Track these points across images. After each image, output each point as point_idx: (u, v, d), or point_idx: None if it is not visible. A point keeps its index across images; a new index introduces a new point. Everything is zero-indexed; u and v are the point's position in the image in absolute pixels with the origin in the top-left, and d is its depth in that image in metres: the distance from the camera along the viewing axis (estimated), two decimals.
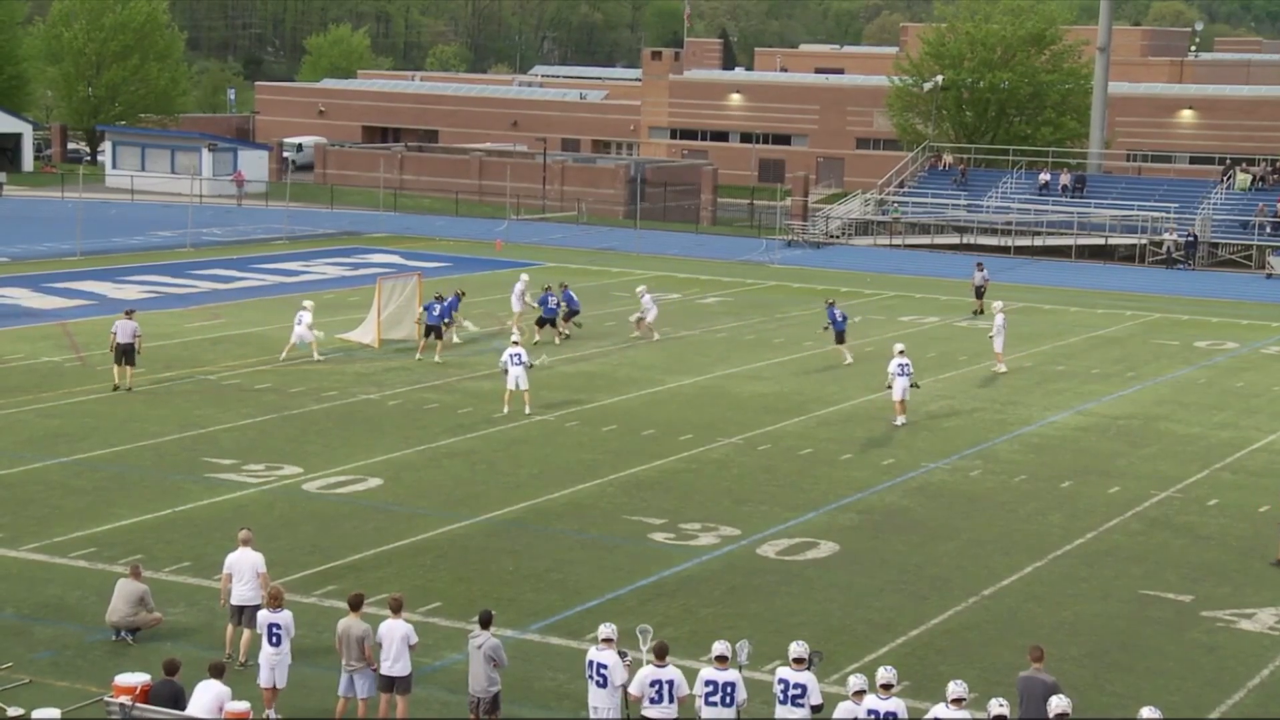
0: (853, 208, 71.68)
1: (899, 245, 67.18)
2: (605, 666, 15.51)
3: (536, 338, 40.03)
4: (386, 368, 36.60)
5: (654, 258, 61.41)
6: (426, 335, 37.52)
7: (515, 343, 32.42)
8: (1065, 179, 69.11)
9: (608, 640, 15.69)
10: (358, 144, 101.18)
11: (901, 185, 72.63)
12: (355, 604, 16.55)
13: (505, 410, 31.61)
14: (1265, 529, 25.07)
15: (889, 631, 19.96)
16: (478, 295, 47.78)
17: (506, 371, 31.73)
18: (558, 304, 40.99)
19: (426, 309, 37.66)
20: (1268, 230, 62.79)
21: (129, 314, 33.38)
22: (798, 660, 15.27)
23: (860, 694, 14.67)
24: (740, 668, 15.43)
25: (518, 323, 40.84)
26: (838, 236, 69.30)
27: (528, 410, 31.67)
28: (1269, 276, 59.70)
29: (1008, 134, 77.77)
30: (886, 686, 14.68)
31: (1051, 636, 19.71)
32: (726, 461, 28.79)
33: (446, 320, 37.87)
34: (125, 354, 32.69)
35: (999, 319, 38.23)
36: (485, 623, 16.28)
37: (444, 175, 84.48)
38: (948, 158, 75.16)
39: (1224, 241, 63.15)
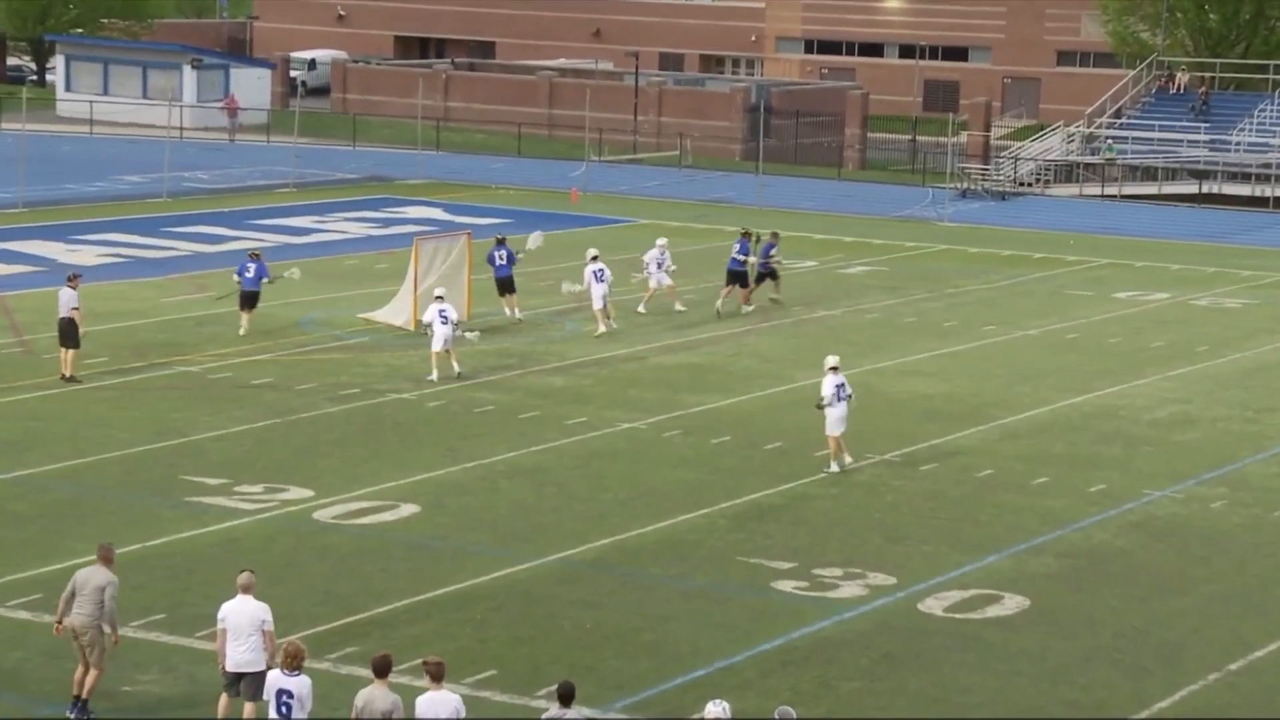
0: (1051, 146, 71.10)
1: (1114, 196, 66.54)
2: None
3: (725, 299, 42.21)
4: (426, 357, 36.87)
5: (781, 212, 61.33)
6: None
7: (439, 297, 34.97)
8: None
9: None
10: (388, 60, 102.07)
11: (1119, 115, 71.91)
12: (382, 669, 16.70)
13: (434, 376, 34.24)
14: None
15: (1097, 716, 19.80)
16: (539, 263, 47.99)
17: (433, 331, 34.39)
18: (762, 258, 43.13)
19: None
20: None
21: (72, 280, 34.00)
22: None
23: None
24: None
25: (670, 294, 42.03)
26: (1030, 184, 68.78)
27: (456, 369, 34.40)
28: None
29: (1266, 44, 76.61)
30: None
31: None
32: (877, 485, 28.69)
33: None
34: (65, 332, 33.33)
35: None
36: (566, 698, 16.32)
37: (502, 102, 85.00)
38: (1183, 77, 74.27)
39: None
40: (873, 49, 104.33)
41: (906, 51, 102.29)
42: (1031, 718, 19.77)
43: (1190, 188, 66.34)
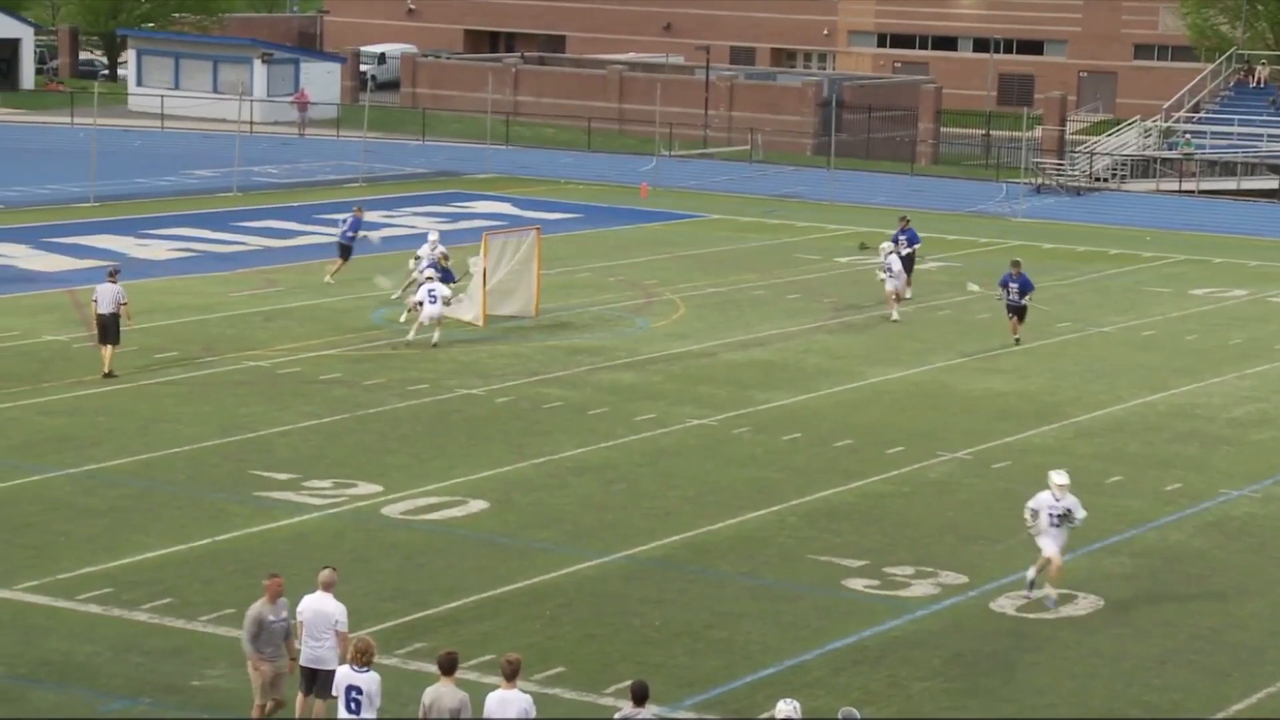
0: (1128, 140, 70.63)
1: (1192, 192, 66.04)
2: None
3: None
4: (494, 353, 37.00)
5: (854, 208, 61.20)
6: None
7: (430, 279, 36.96)
8: None
9: None
10: (458, 54, 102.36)
11: (1197, 109, 71.36)
12: (448, 667, 16.77)
13: (410, 336, 36.64)
14: None
15: (1173, 718, 19.69)
16: (611, 258, 48.08)
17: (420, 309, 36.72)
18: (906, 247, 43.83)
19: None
20: None
21: (113, 275, 34.27)
22: None
23: None
24: None
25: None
26: (1106, 180, 68.38)
27: (435, 340, 36.53)
28: None
29: None
30: None
31: None
32: (950, 484, 28.62)
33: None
34: (106, 329, 33.59)
35: None
36: (640, 697, 16.36)
37: (572, 96, 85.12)
38: (1263, 70, 73.62)
39: None
40: (946, 43, 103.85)
41: (980, 45, 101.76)
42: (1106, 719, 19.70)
43: (1270, 183, 65.81)
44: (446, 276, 38.99)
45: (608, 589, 23.33)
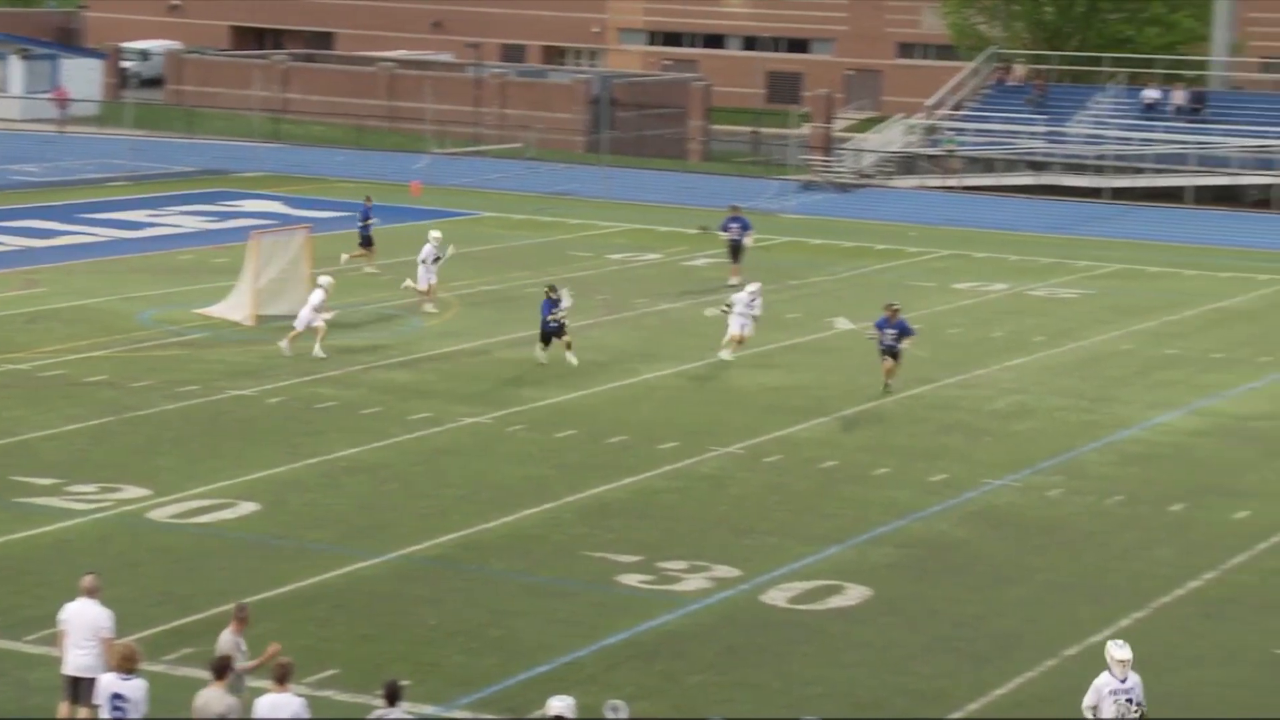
0: (892, 138, 71.83)
1: (955, 188, 67.41)
2: None
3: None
4: (266, 354, 36.59)
5: (625, 205, 61.51)
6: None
7: (321, 287, 36.07)
8: (1179, 97, 69.43)
9: (561, 718, 15.79)
10: (224, 51, 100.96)
11: (958, 107, 72.85)
12: (220, 671, 16.62)
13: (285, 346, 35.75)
14: None
15: (937, 704, 20.10)
16: (384, 256, 47.78)
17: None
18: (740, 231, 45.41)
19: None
20: None
21: None
22: None
23: None
24: None
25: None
26: (872, 176, 69.50)
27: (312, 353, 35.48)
28: None
29: (1101, 37, 78.02)
30: None
31: (1158, 711, 19.86)
32: (722, 478, 28.91)
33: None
34: None
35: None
36: (393, 697, 16.37)
37: (342, 94, 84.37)
38: (1020, 69, 75.39)
39: None
40: (715, 40, 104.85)
41: (749, 43, 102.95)
42: (873, 707, 20.05)
43: (1028, 179, 67.33)
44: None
45: (382, 589, 23.23)
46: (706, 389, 34.94)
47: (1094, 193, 65.78)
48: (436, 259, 40.94)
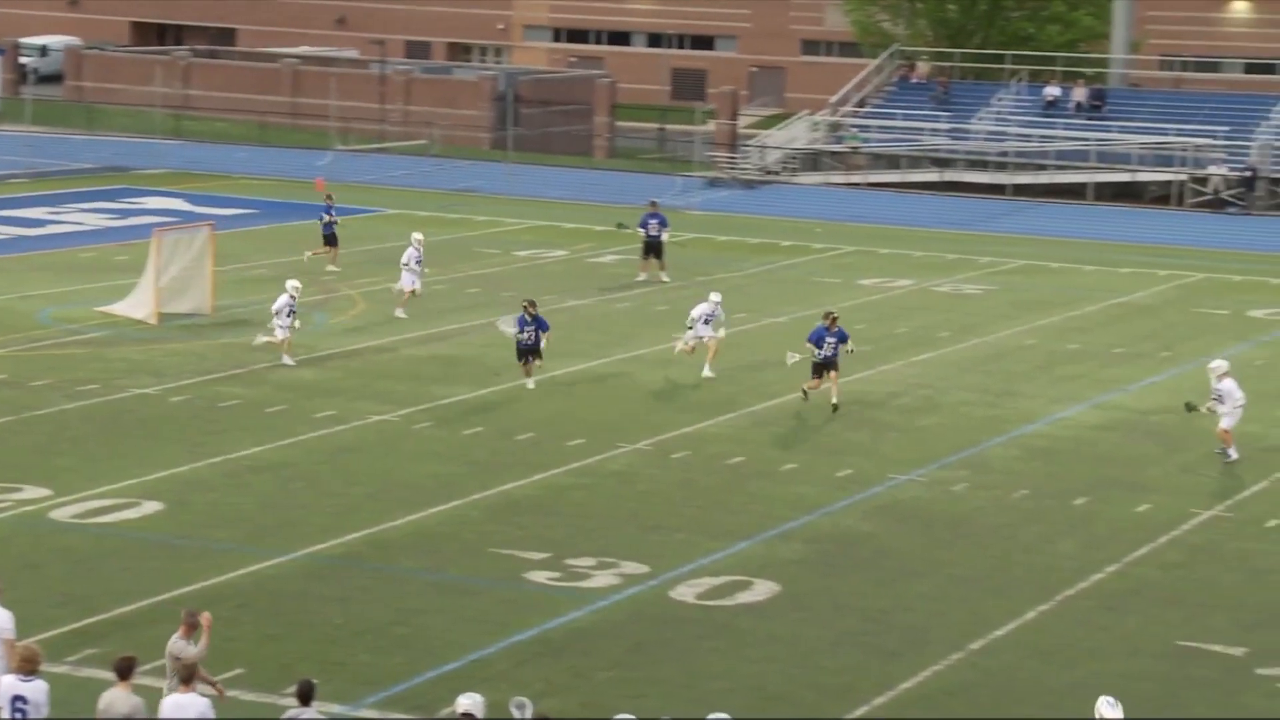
0: (797, 134, 72.11)
1: (859, 184, 67.74)
2: None
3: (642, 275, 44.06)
4: (167, 351, 36.27)
5: (531, 202, 61.41)
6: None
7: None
8: (1080, 94, 70.09)
9: (469, 716, 15.75)
10: (125, 47, 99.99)
11: (862, 104, 73.22)
12: (124, 672, 16.43)
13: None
14: None
15: (845, 699, 20.16)
16: (288, 254, 47.49)
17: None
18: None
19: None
20: None
21: None
22: None
23: None
24: None
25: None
26: (777, 173, 69.74)
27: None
28: None
29: (1003, 34, 78.68)
30: None
31: (1060, 703, 20.05)
32: (630, 474, 28.91)
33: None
34: None
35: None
36: (305, 697, 16.28)
37: (245, 90, 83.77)
38: (923, 67, 75.87)
39: None
40: (620, 38, 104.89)
41: (654, 40, 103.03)
42: (781, 702, 20.10)
43: (932, 176, 67.78)
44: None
45: (287, 588, 23.09)
46: (614, 386, 34.93)
47: (997, 189, 66.28)
48: (419, 261, 40.61)
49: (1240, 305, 45.44)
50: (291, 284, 35.68)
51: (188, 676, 16.37)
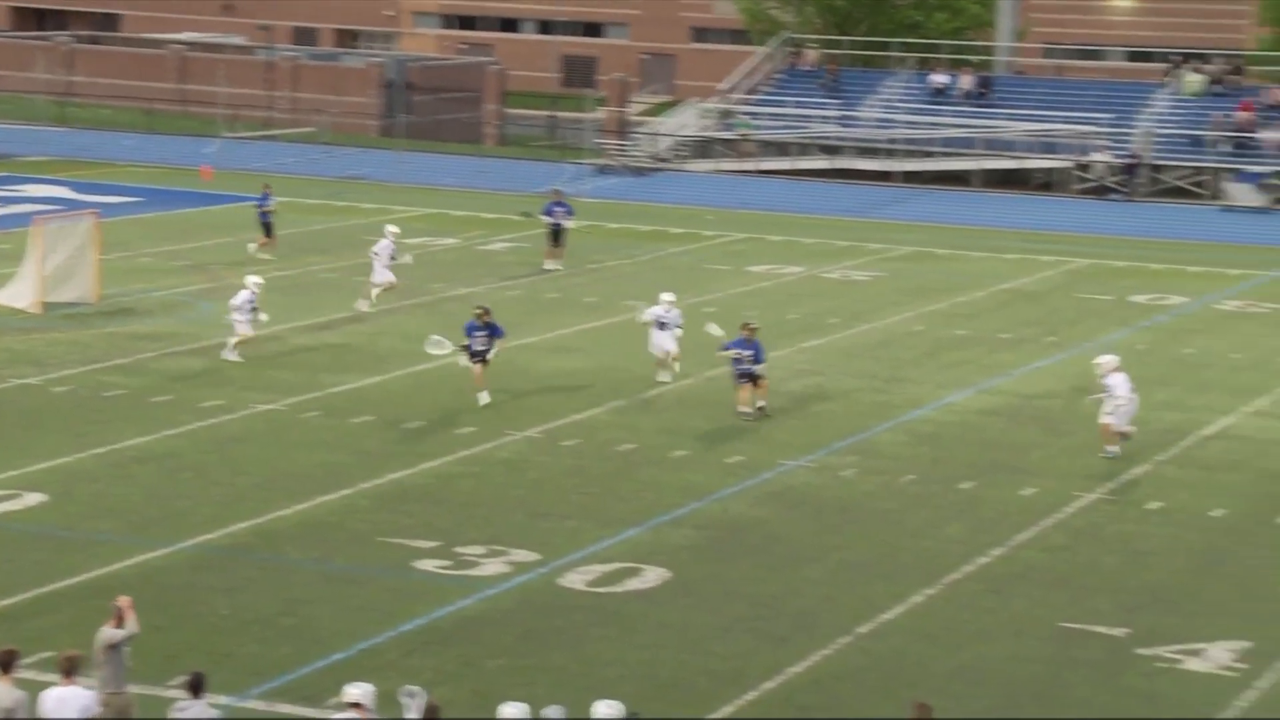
0: (687, 121, 72.18)
1: (750, 171, 67.91)
2: None
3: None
4: (50, 341, 35.84)
5: (421, 189, 61.16)
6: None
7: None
8: (966, 82, 70.61)
9: (357, 705, 15.72)
10: (4, 32, 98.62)
11: (752, 92, 73.41)
12: (5, 664, 16.26)
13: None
14: (1220, 539, 26.06)
15: (735, 684, 20.24)
16: (174, 242, 47.09)
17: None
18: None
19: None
20: (1224, 148, 65.00)
21: None
22: None
23: None
24: None
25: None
26: (668, 160, 69.79)
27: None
28: (1226, 208, 61.86)
29: (890, 22, 79.12)
30: None
31: (948, 687, 20.22)
32: (520, 462, 28.87)
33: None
34: None
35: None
36: (196, 688, 16.20)
37: (130, 76, 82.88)
38: (812, 54, 76.18)
39: (1170, 164, 65.22)
40: (510, 24, 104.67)
41: (544, 27, 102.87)
42: (671, 688, 20.14)
43: (821, 163, 68.02)
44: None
45: (174, 579, 22.89)
46: (503, 373, 34.83)
47: (885, 176, 66.65)
48: (393, 256, 40.21)
49: (1123, 291, 45.99)
50: (252, 279, 35.38)
51: (69, 669, 16.19)
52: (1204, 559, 25.33)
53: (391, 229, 41.23)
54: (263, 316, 34.99)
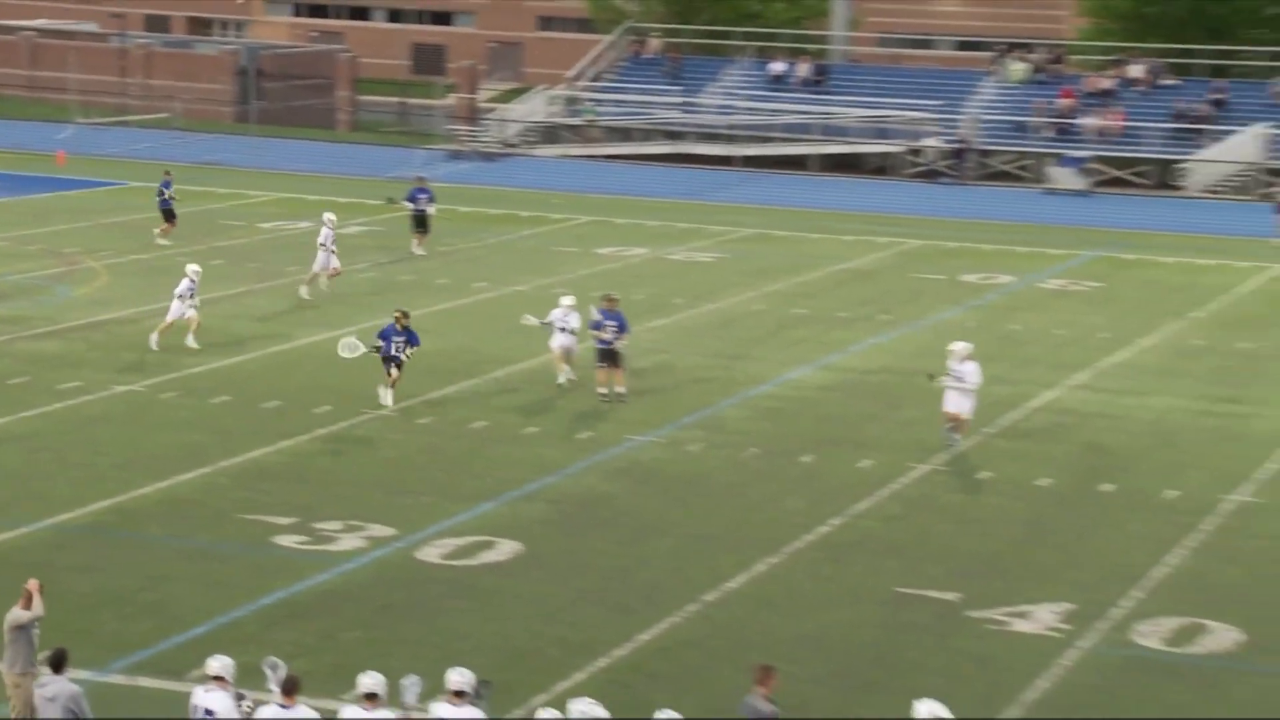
0: (535, 108, 72.11)
1: (596, 156, 68.00)
2: (214, 712, 15.49)
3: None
4: None
5: (275, 174, 60.58)
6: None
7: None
8: (804, 70, 71.15)
9: (219, 679, 15.69)
10: None
11: (597, 79, 73.46)
12: (55, 664, 16.14)
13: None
14: (1046, 507, 26.57)
15: (587, 653, 20.37)
16: (29, 227, 46.32)
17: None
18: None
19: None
20: (1047, 133, 66.06)
21: None
22: (458, 693, 15.53)
23: None
24: (407, 709, 15.57)
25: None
26: (517, 145, 69.70)
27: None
28: (1049, 191, 62.92)
29: (731, 11, 79.42)
30: None
31: (791, 652, 20.46)
32: (376, 440, 28.79)
33: None
34: None
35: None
36: (57, 664, 16.07)
37: None
38: (655, 43, 76.35)
39: (997, 149, 66.19)
40: (360, 13, 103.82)
41: (394, 16, 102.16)
42: (526, 658, 20.22)
43: (665, 148, 68.25)
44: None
45: (33, 558, 22.56)
46: (360, 357, 34.64)
47: (726, 160, 67.00)
48: (334, 241, 39.57)
49: (953, 270, 46.60)
50: (191, 268, 34.72)
51: None
52: (1031, 526, 25.82)
53: (329, 215, 40.64)
54: (196, 302, 34.41)
